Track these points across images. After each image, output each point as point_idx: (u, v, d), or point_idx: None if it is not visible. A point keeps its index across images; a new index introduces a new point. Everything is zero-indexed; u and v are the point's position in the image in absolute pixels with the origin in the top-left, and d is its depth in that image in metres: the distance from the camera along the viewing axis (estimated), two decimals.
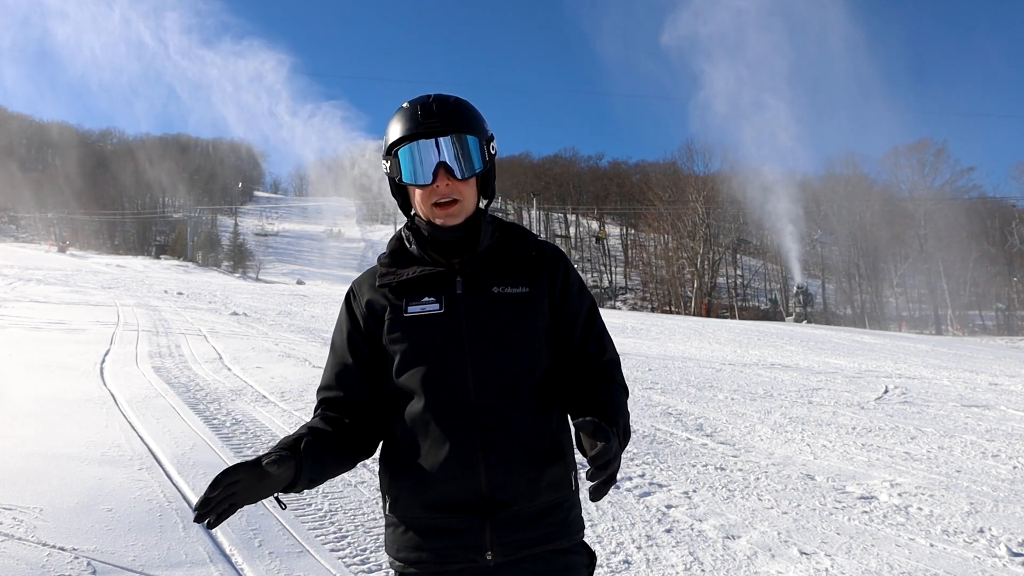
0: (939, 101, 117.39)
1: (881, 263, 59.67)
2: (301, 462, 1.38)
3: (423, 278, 1.52)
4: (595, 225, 77.99)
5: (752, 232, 66.17)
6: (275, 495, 1.37)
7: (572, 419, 1.52)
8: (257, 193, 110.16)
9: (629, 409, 1.55)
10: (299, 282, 54.19)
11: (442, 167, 1.47)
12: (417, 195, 1.53)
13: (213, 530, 3.48)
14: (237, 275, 62.20)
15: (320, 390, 1.59)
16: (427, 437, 1.44)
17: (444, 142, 1.47)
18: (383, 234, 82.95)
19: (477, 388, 1.44)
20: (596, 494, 1.25)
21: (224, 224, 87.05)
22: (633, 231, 77.71)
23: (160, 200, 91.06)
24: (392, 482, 1.49)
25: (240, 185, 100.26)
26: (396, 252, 1.58)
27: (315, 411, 1.57)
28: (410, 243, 1.57)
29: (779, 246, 60.91)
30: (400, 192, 1.59)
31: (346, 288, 1.70)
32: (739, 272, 66.89)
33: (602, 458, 1.23)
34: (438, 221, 1.51)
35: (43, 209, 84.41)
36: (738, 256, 66.15)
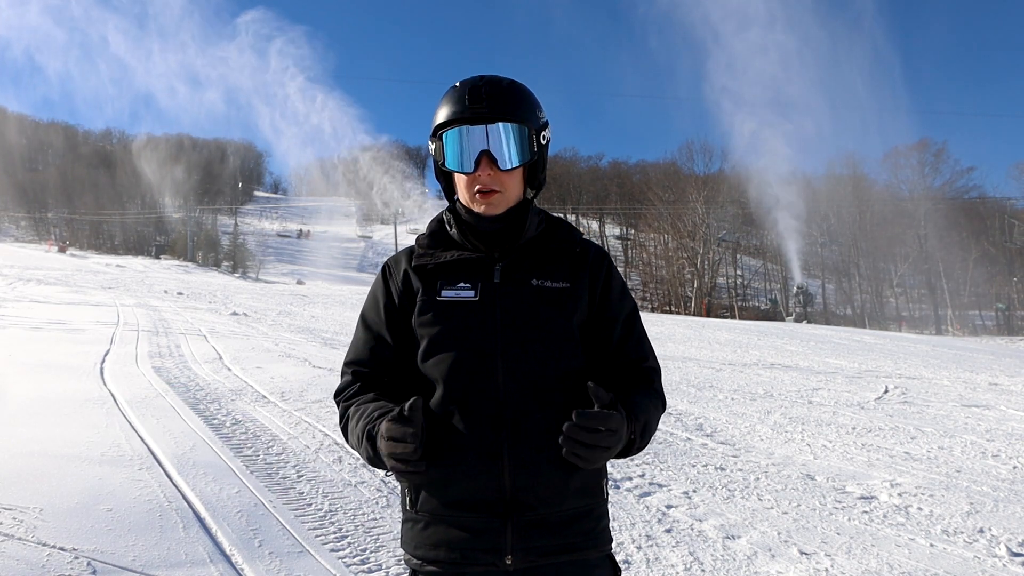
0: (939, 101, 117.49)
1: (881, 263, 59.70)
2: None
3: (460, 262, 1.46)
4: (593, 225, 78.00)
5: (749, 231, 66.23)
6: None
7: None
8: (257, 193, 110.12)
9: (660, 422, 1.48)
10: (299, 282, 54.20)
11: (485, 156, 1.41)
12: (459, 181, 1.48)
13: (214, 531, 3.48)
14: (237, 275, 62.22)
15: (350, 363, 1.52)
16: (451, 430, 1.37)
17: (490, 130, 1.40)
18: (384, 234, 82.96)
19: (506, 382, 1.38)
20: (569, 448, 1.25)
21: (224, 224, 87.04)
22: (633, 231, 77.73)
23: (160, 200, 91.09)
24: None
25: (240, 185, 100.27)
26: (436, 234, 1.52)
27: (349, 385, 1.50)
28: (450, 227, 1.52)
29: (779, 246, 60.98)
30: (444, 175, 1.54)
31: (346, 288, 1.66)
32: (739, 272, 66.91)
33: (596, 421, 1.23)
34: (478, 209, 1.46)
35: (43, 209, 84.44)
36: (738, 256, 66.17)
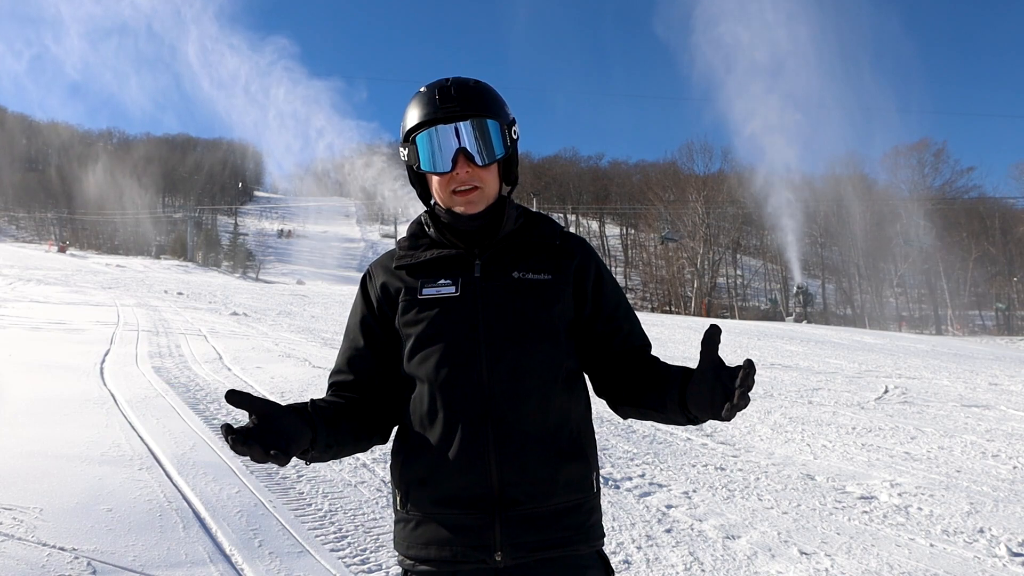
0: (939, 101, 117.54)
1: (881, 263, 59.71)
2: (315, 422, 1.31)
3: (440, 260, 1.46)
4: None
5: (749, 231, 66.29)
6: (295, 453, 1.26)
7: (626, 408, 1.48)
8: (257, 193, 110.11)
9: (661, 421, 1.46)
10: (299, 282, 54.22)
11: (461, 153, 1.41)
12: (436, 182, 1.46)
13: (214, 531, 3.48)
14: (237, 275, 62.23)
15: (332, 374, 1.53)
16: (437, 428, 1.37)
17: (463, 127, 1.40)
18: (384, 234, 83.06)
19: (491, 377, 1.37)
20: (731, 412, 1.18)
21: (224, 224, 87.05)
22: (633, 231, 77.78)
23: (160, 200, 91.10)
24: (402, 475, 1.43)
25: (240, 185, 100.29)
26: (415, 236, 1.53)
27: (326, 394, 1.52)
28: (429, 227, 1.51)
29: (779, 246, 61.01)
30: (419, 180, 1.53)
31: (346, 288, 1.66)
32: (739, 272, 66.94)
33: (750, 373, 1.18)
34: (458, 209, 1.45)
35: (43, 209, 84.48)
36: (738, 256, 66.21)
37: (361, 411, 1.47)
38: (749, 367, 1.18)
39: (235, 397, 1.19)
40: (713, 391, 1.23)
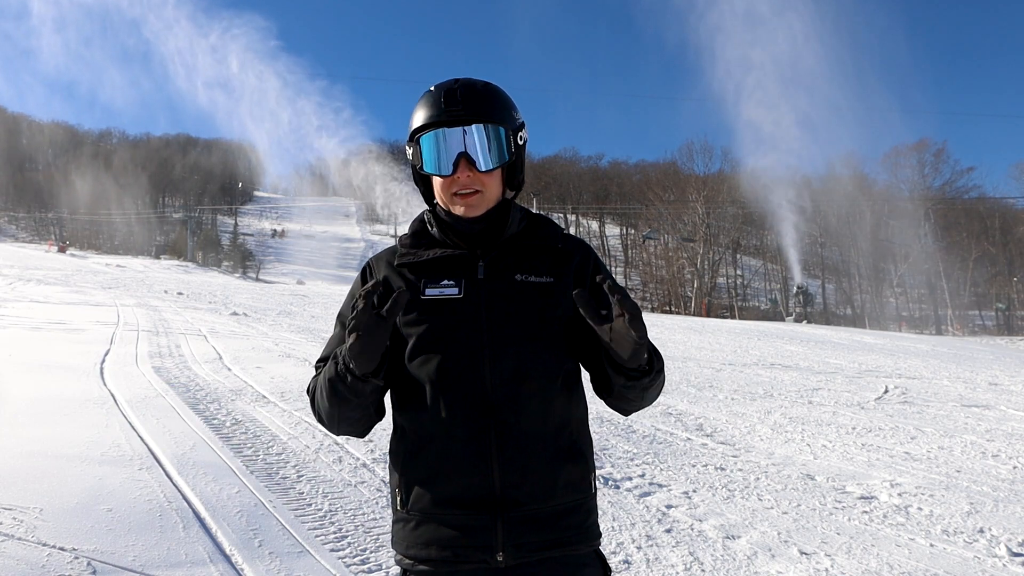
0: (939, 101, 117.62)
1: (881, 263, 59.73)
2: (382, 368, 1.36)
3: (443, 260, 1.46)
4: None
5: (749, 231, 66.33)
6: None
7: (615, 401, 1.47)
8: (257, 193, 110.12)
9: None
10: (299, 282, 54.24)
11: (463, 158, 1.41)
12: (438, 184, 1.47)
13: (214, 531, 3.48)
14: (237, 275, 62.24)
15: (321, 360, 1.52)
16: (439, 428, 1.38)
17: (467, 132, 1.41)
18: (385, 234, 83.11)
19: (493, 378, 1.38)
20: (636, 346, 1.23)
21: (224, 224, 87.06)
22: (633, 231, 77.80)
23: (160, 200, 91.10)
24: (402, 475, 1.43)
25: (240, 185, 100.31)
26: (418, 233, 1.53)
27: (315, 377, 1.50)
28: (432, 226, 1.52)
29: (779, 246, 61.04)
30: (423, 179, 1.54)
31: (346, 288, 1.65)
32: (739, 272, 66.94)
33: (627, 302, 1.22)
34: (458, 211, 1.46)
35: (43, 209, 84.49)
36: (738, 256, 66.23)
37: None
38: (611, 286, 1.24)
39: (375, 291, 1.27)
40: (598, 314, 1.27)
